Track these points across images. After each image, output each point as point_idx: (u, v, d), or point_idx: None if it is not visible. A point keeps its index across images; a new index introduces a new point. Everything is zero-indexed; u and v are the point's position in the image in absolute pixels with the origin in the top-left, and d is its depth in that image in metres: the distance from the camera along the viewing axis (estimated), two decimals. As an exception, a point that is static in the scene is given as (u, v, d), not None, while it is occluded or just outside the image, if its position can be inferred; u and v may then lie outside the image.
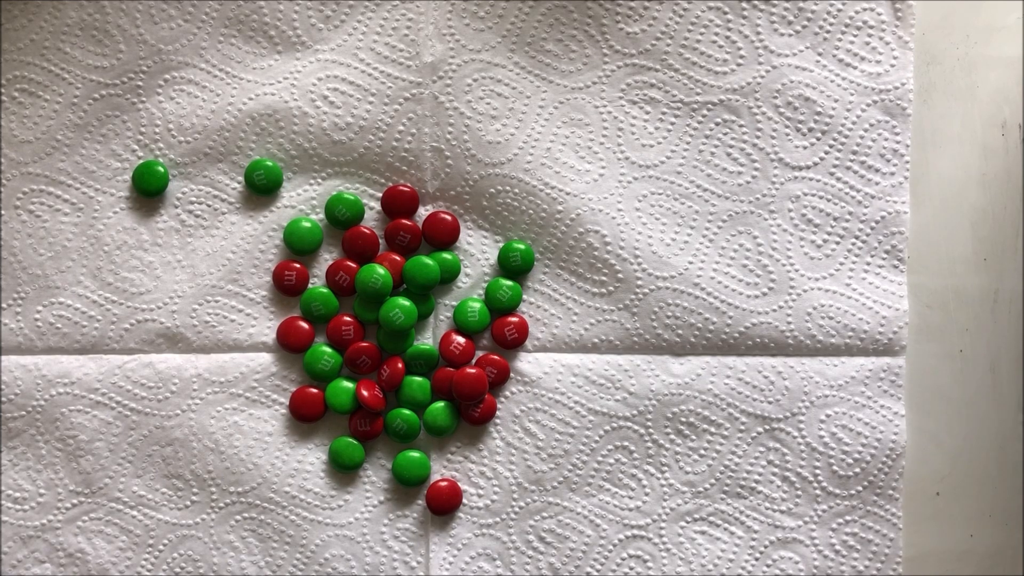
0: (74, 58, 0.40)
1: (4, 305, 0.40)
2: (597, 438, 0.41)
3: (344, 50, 0.40)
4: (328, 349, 0.40)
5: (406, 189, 0.40)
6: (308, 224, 0.40)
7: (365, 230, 0.40)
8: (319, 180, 0.41)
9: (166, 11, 0.40)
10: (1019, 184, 0.41)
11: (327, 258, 0.41)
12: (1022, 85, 0.41)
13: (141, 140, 0.40)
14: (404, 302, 0.40)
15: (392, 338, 0.40)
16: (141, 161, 0.40)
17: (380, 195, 0.41)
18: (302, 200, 0.41)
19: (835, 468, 0.41)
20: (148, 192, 0.40)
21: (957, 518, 0.41)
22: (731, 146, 0.41)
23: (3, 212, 0.40)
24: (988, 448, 0.41)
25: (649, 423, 0.41)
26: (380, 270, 0.40)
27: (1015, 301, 0.41)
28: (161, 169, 0.40)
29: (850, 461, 0.41)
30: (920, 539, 0.41)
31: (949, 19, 0.41)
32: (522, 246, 0.40)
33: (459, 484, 0.41)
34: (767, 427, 0.41)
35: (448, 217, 0.40)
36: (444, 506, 0.40)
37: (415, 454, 0.40)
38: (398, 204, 0.40)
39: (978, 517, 0.41)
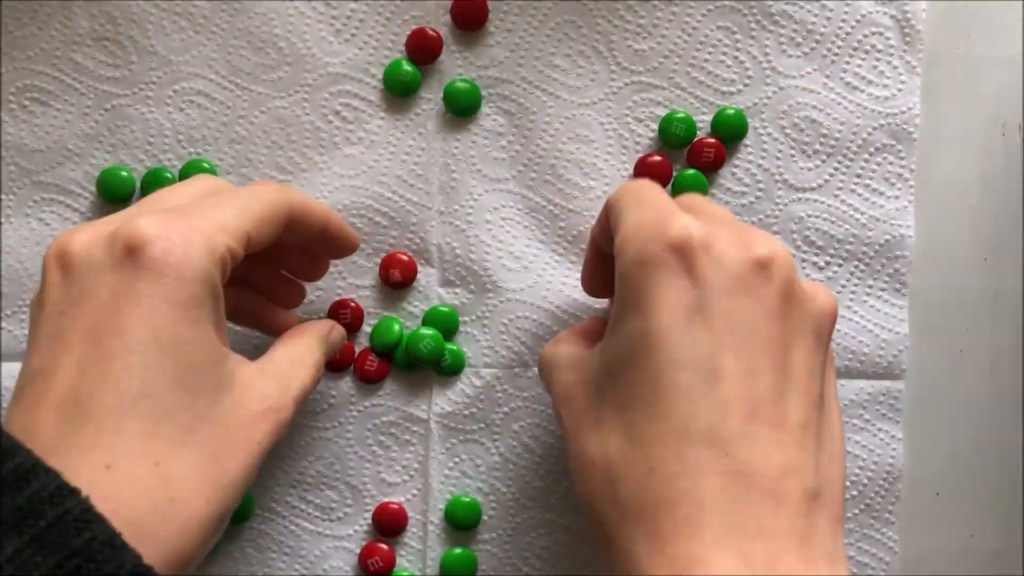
0: (85, 68, 0.38)
1: (9, 312, 0.38)
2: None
3: (354, 64, 0.38)
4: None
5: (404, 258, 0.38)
6: None
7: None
8: (325, 193, 0.38)
9: (177, 22, 0.38)
10: (1019, 184, 0.39)
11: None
12: (1022, 85, 0.39)
13: (150, 151, 0.38)
14: (427, 331, 0.38)
15: (414, 366, 0.39)
16: (148, 169, 0.38)
17: (386, 210, 0.38)
18: (309, 213, 0.38)
19: (832, 491, 0.38)
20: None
21: (957, 518, 0.40)
22: (736, 166, 0.39)
23: (13, 220, 0.38)
24: (988, 448, 0.40)
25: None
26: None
27: (1015, 301, 0.40)
28: (169, 176, 0.38)
29: (847, 484, 0.38)
30: (920, 539, 0.39)
31: (949, 19, 0.39)
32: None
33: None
34: (765, 448, 0.38)
35: (405, 257, 0.38)
36: None
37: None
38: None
39: (978, 517, 0.40)
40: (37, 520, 0.22)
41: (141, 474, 0.25)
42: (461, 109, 0.38)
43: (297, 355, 0.32)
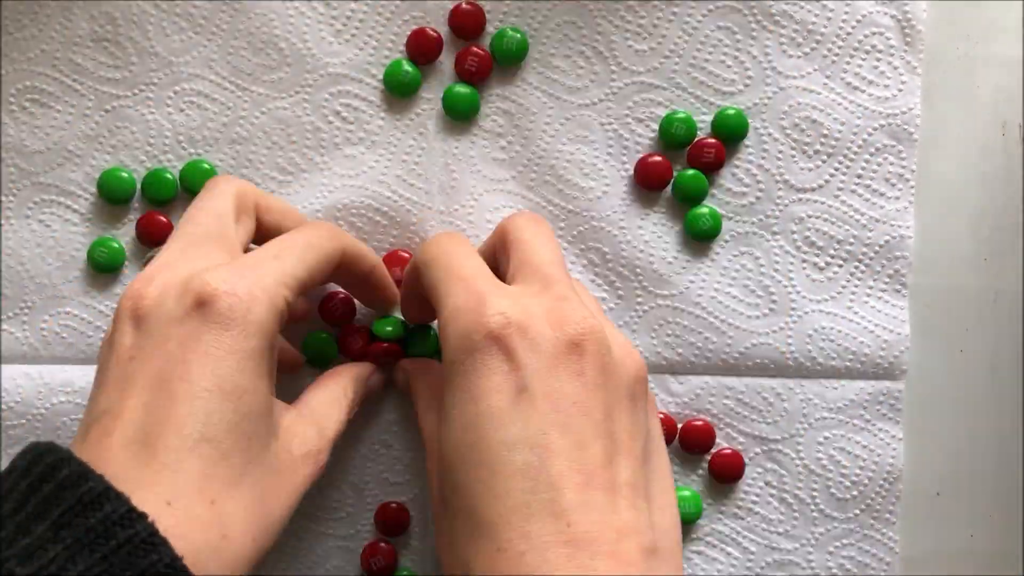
0: (85, 69, 0.38)
1: (10, 314, 0.38)
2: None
3: (354, 65, 0.38)
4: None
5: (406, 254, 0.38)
6: None
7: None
8: (325, 194, 0.38)
9: (177, 23, 0.38)
10: (1019, 184, 0.39)
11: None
12: (1022, 85, 0.39)
13: (151, 152, 0.38)
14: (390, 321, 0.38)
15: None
16: (149, 170, 0.38)
17: (386, 209, 0.38)
18: (308, 213, 0.38)
19: (833, 491, 0.38)
20: (157, 201, 0.38)
21: (957, 518, 0.40)
22: (736, 166, 0.38)
23: (13, 222, 0.38)
24: (988, 448, 0.39)
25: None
26: None
27: (1015, 301, 0.39)
28: (170, 176, 0.38)
29: (848, 484, 0.38)
30: (920, 539, 0.39)
31: (949, 19, 0.39)
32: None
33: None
34: (765, 448, 0.38)
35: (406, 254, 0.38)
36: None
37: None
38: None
39: (978, 517, 0.40)
40: (108, 540, 0.24)
41: (198, 511, 0.26)
42: (460, 114, 0.38)
43: (331, 398, 0.34)
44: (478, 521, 0.27)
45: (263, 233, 0.34)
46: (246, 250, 0.33)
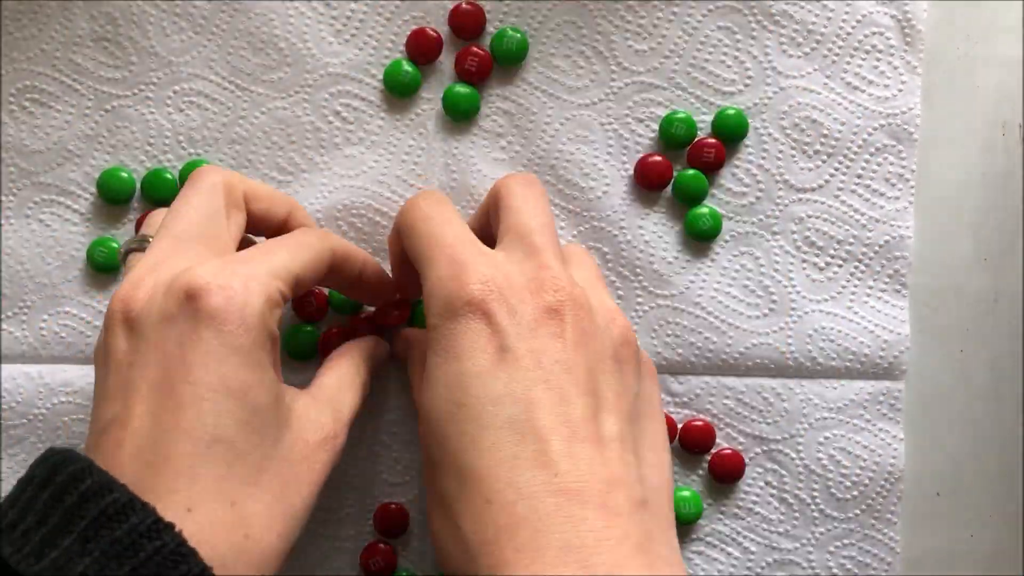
0: (85, 69, 0.38)
1: (10, 314, 0.38)
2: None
3: (354, 64, 0.38)
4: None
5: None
6: None
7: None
8: (325, 194, 0.38)
9: (177, 23, 0.38)
10: (1019, 184, 0.39)
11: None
12: (1022, 85, 0.39)
13: (150, 152, 0.38)
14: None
15: None
16: (148, 170, 0.38)
17: (386, 210, 0.38)
18: (310, 213, 0.38)
19: (833, 491, 0.38)
20: (156, 201, 0.38)
21: (957, 518, 0.39)
22: (736, 166, 0.38)
23: (13, 222, 0.38)
24: (988, 448, 0.39)
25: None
26: None
27: (1015, 301, 0.39)
28: (169, 176, 0.38)
29: (848, 484, 0.38)
30: (920, 539, 0.39)
31: (949, 19, 0.39)
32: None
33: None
34: (765, 448, 0.38)
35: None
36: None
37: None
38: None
39: (978, 517, 0.39)
40: (136, 552, 0.24)
41: (219, 515, 0.26)
42: (460, 114, 0.38)
43: (344, 378, 0.33)
44: (467, 476, 0.27)
45: (253, 222, 0.34)
46: (240, 244, 0.32)
